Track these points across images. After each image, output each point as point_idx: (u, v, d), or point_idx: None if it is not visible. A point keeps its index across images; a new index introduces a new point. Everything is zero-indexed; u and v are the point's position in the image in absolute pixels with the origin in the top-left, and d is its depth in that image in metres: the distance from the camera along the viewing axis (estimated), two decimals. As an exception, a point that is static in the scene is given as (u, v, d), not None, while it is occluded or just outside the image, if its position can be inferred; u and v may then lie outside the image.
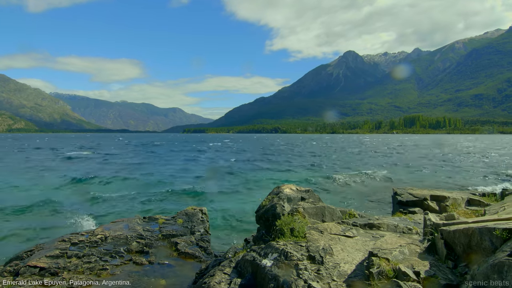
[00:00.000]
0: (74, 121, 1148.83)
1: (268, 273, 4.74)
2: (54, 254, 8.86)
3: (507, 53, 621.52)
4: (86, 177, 30.66)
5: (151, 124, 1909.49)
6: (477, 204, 9.54)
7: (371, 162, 47.68)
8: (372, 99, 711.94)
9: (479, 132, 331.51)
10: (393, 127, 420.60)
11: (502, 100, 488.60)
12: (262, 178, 32.61)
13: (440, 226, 5.21)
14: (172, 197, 23.49)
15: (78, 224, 16.05)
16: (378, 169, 37.55)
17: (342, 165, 44.38)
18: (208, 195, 24.33)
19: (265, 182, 30.32)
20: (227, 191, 26.01)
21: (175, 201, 22.35)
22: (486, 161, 48.39)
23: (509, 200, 8.47)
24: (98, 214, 18.36)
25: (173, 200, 22.58)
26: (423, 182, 29.66)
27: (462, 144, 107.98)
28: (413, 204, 9.50)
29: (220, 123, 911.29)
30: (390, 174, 34.23)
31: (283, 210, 7.26)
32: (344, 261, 5.09)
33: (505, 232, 3.86)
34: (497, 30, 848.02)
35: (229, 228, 15.95)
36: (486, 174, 33.96)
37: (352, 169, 38.19)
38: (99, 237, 10.22)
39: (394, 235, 6.14)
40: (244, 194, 25.13)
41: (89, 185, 27.30)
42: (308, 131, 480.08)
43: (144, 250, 9.77)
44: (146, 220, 12.41)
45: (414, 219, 7.91)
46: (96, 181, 29.26)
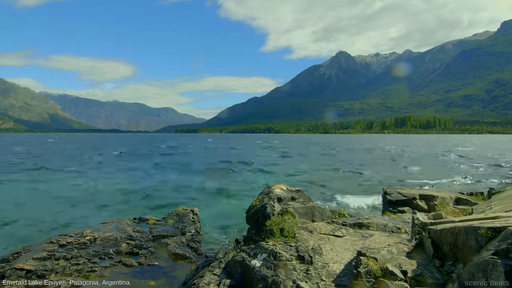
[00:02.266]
0: (64, 121, 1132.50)
1: (257, 274, 4.72)
2: (42, 256, 8.71)
3: (495, 54, 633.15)
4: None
5: (143, 124, 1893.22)
6: (465, 203, 9.68)
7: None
8: (364, 100, 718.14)
9: (469, 132, 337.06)
10: (384, 127, 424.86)
11: (490, 101, 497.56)
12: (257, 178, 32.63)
13: (428, 225, 5.26)
14: (162, 198, 23.35)
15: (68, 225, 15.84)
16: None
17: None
18: (200, 195, 24.23)
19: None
20: (220, 191, 25.94)
21: (166, 201, 22.19)
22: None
23: (496, 199, 8.61)
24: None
25: (163, 201, 22.43)
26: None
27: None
28: (403, 203, 9.60)
29: (213, 123, 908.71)
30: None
31: (273, 210, 7.26)
32: (333, 261, 5.10)
33: (490, 231, 3.91)
34: (485, 31, 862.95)
35: (221, 228, 15.89)
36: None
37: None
38: (88, 238, 10.08)
39: (383, 234, 6.19)
40: (237, 194, 25.09)
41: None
42: (301, 131, 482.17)
43: (134, 252, 9.67)
44: (137, 221, 12.28)
45: (403, 218, 7.98)
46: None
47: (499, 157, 55.63)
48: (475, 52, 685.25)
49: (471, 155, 60.82)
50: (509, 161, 47.47)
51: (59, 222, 16.52)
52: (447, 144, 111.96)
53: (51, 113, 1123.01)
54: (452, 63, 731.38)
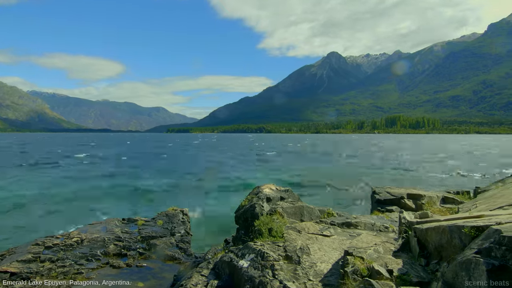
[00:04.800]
0: (53, 120, 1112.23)
1: (245, 274, 4.70)
2: (26, 259, 8.54)
3: (482, 56, 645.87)
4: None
5: (134, 124, 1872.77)
6: (452, 202, 9.83)
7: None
8: (354, 100, 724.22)
9: (457, 132, 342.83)
10: (375, 127, 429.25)
11: (477, 102, 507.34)
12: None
13: (414, 224, 5.31)
14: (151, 198, 23.14)
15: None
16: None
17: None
18: (191, 195, 24.10)
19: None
20: (211, 191, 25.83)
21: (155, 201, 22.00)
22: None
23: (481, 198, 8.76)
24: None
25: (153, 201, 22.22)
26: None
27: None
28: (391, 203, 9.69)
29: (204, 123, 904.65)
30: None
31: (262, 210, 7.24)
32: (321, 261, 5.11)
33: (473, 230, 3.96)
34: (473, 34, 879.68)
35: (211, 228, 15.83)
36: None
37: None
38: (75, 240, 9.91)
39: (371, 234, 6.23)
40: (228, 194, 25.02)
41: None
42: (292, 131, 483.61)
43: (122, 253, 9.55)
44: (125, 222, 12.13)
45: (391, 217, 8.05)
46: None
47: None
48: (463, 53, 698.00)
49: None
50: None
51: (45, 223, 16.23)
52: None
53: (40, 112, 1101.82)
54: (441, 64, 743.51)
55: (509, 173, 18.71)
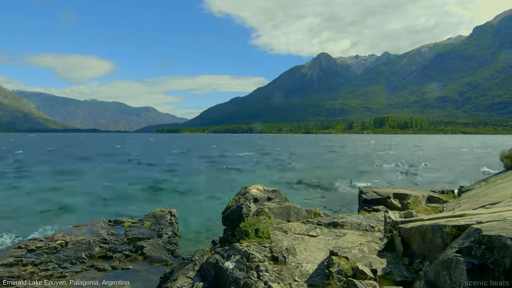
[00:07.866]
0: (39, 120, 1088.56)
1: (230, 276, 4.67)
2: (8, 262, 8.32)
3: (468, 58, 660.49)
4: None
5: (122, 124, 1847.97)
6: (437, 201, 9.99)
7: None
8: (344, 100, 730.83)
9: (443, 132, 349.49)
10: (364, 128, 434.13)
11: (463, 102, 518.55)
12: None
13: (398, 224, 5.37)
14: (139, 198, 22.87)
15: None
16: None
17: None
18: (179, 196, 23.90)
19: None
20: (200, 192, 25.67)
21: (143, 202, 21.74)
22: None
23: (465, 197, 8.93)
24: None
25: (141, 201, 21.96)
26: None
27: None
28: (377, 202, 9.79)
29: (195, 123, 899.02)
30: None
31: (249, 210, 7.22)
32: (307, 261, 5.12)
33: (454, 229, 4.01)
34: (459, 36, 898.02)
35: (199, 229, 15.71)
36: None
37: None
38: (59, 242, 9.70)
39: (357, 233, 6.27)
40: (216, 194, 24.90)
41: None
42: (283, 131, 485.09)
43: (108, 255, 9.40)
44: (112, 224, 11.94)
45: (377, 217, 8.12)
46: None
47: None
48: (449, 55, 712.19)
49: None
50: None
51: (29, 226, 15.83)
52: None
53: (25, 112, 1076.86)
54: (428, 66, 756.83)
55: (493, 172, 19.16)
